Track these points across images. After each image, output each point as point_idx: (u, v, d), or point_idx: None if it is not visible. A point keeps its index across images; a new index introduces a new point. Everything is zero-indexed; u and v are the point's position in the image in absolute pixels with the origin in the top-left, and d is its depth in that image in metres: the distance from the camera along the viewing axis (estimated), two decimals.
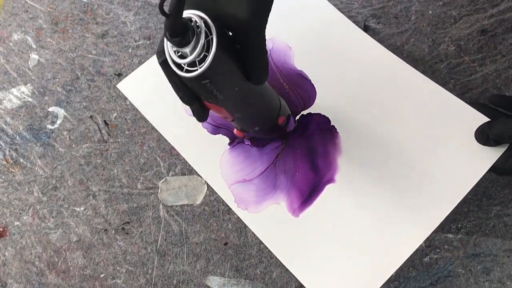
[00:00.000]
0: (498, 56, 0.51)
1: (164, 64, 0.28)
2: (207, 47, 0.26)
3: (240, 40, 0.28)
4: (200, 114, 0.33)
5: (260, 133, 0.42)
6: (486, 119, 0.44)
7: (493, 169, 0.43)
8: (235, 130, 0.41)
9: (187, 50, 0.26)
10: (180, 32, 0.25)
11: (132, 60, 0.54)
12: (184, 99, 0.31)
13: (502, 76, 0.50)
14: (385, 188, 0.44)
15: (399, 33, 0.53)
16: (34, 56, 0.55)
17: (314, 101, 0.48)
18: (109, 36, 0.56)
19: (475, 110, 0.45)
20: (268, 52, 0.50)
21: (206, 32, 0.26)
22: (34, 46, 0.56)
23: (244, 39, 0.28)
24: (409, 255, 0.41)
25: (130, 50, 0.55)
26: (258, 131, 0.41)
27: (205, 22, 0.26)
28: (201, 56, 0.26)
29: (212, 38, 0.26)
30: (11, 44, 0.56)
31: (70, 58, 0.55)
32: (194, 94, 0.30)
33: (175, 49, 0.27)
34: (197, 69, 0.27)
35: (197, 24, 0.26)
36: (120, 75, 0.54)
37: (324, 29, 0.51)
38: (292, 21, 0.52)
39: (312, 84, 0.48)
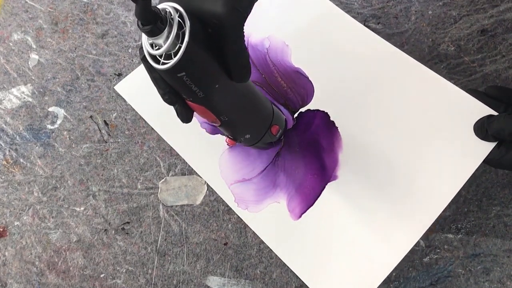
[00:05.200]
0: (498, 56, 0.51)
1: (144, 60, 0.28)
2: (182, 38, 0.26)
3: (218, 37, 0.28)
4: (183, 115, 0.32)
5: (251, 142, 0.40)
6: (485, 107, 0.44)
7: (489, 161, 0.43)
8: (226, 139, 0.40)
9: (160, 41, 0.26)
10: (151, 20, 0.25)
11: (132, 60, 0.54)
12: (166, 98, 0.30)
13: (502, 76, 0.50)
14: (384, 183, 0.44)
15: (399, 33, 0.53)
16: (34, 56, 0.55)
17: (312, 98, 0.48)
18: (109, 36, 0.56)
19: (474, 98, 0.44)
20: (265, 51, 0.50)
21: (180, 24, 0.26)
22: (34, 46, 0.56)
23: (221, 35, 0.28)
24: (409, 249, 0.41)
25: (130, 50, 0.55)
26: (249, 139, 0.39)
27: (180, 14, 0.26)
28: (176, 48, 0.27)
29: (186, 29, 0.26)
30: (11, 44, 0.56)
31: (70, 58, 0.55)
32: (176, 92, 0.30)
33: (150, 41, 0.27)
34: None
35: (171, 15, 0.26)
36: (120, 75, 0.54)
37: (321, 25, 0.51)
38: (288, 18, 0.52)
39: (310, 81, 0.48)
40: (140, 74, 0.52)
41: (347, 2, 0.55)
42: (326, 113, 0.47)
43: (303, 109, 0.48)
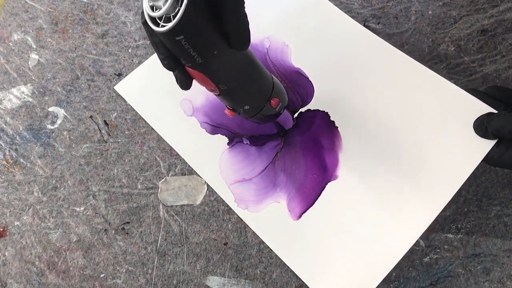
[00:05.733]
0: (498, 56, 0.51)
1: (145, 24, 0.29)
2: (181, 1, 0.27)
3: (219, 2, 0.28)
4: (183, 81, 0.32)
5: (250, 114, 0.39)
6: (485, 106, 0.44)
7: (488, 160, 0.43)
8: (225, 110, 0.39)
9: (160, 3, 0.27)
10: None
11: (132, 60, 0.54)
12: (165, 63, 0.31)
13: (502, 76, 0.50)
14: (384, 183, 0.44)
15: (399, 33, 0.53)
16: (34, 56, 0.55)
17: (312, 98, 0.48)
18: (109, 36, 0.56)
19: (473, 97, 0.45)
20: (265, 51, 0.50)
21: None
22: (34, 46, 0.56)
23: (222, 0, 0.28)
24: (409, 249, 0.41)
25: (130, 50, 0.55)
26: (248, 110, 0.39)
27: None
28: (176, 11, 0.27)
29: None
30: (11, 44, 0.56)
31: (70, 58, 0.55)
32: (176, 58, 0.31)
33: (151, 3, 0.28)
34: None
35: None
36: (120, 75, 0.54)
37: (321, 25, 0.51)
38: (289, 18, 0.52)
39: (310, 81, 0.48)
40: (140, 74, 0.52)
41: (347, 2, 0.55)
42: (326, 113, 0.47)
43: (303, 109, 0.48)
